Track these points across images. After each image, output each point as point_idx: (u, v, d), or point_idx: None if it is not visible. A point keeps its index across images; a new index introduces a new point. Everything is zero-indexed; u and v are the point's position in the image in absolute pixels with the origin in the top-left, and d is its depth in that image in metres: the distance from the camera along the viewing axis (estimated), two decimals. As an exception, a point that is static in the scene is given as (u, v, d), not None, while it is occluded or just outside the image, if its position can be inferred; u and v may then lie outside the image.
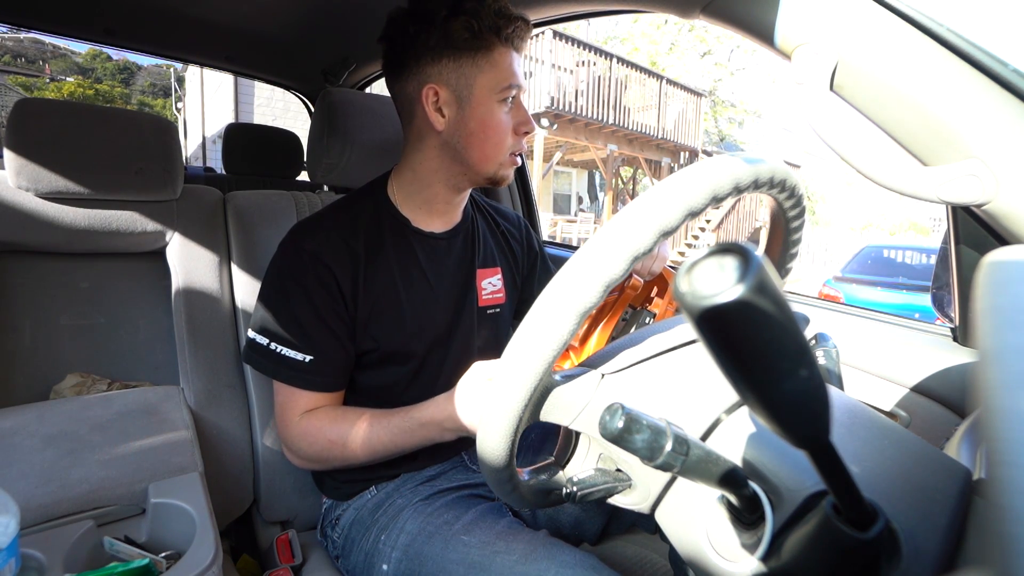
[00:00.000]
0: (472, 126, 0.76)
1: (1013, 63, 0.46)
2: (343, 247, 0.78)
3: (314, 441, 0.76)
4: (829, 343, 0.50)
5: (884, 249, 5.97)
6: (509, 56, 0.76)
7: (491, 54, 0.75)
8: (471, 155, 0.78)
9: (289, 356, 0.76)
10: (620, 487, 0.45)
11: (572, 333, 0.36)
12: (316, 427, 0.76)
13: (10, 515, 0.45)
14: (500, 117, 0.77)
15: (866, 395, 0.76)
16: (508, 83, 0.76)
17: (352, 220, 0.81)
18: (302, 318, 0.76)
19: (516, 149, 0.81)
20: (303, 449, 0.77)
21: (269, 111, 10.77)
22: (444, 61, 0.75)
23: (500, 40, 0.74)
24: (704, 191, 0.35)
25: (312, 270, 0.76)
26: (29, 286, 0.92)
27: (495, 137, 0.77)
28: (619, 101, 9.36)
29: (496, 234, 0.98)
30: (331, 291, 0.76)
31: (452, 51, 0.74)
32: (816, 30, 0.53)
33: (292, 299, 0.77)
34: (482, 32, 0.73)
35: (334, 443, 0.75)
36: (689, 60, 15.94)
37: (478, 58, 0.74)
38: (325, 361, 0.76)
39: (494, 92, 0.75)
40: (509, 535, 0.68)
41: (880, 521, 0.28)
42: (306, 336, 0.76)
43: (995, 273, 0.37)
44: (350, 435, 0.74)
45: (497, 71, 0.75)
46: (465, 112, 0.76)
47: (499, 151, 0.79)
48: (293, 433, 0.77)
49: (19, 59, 24.30)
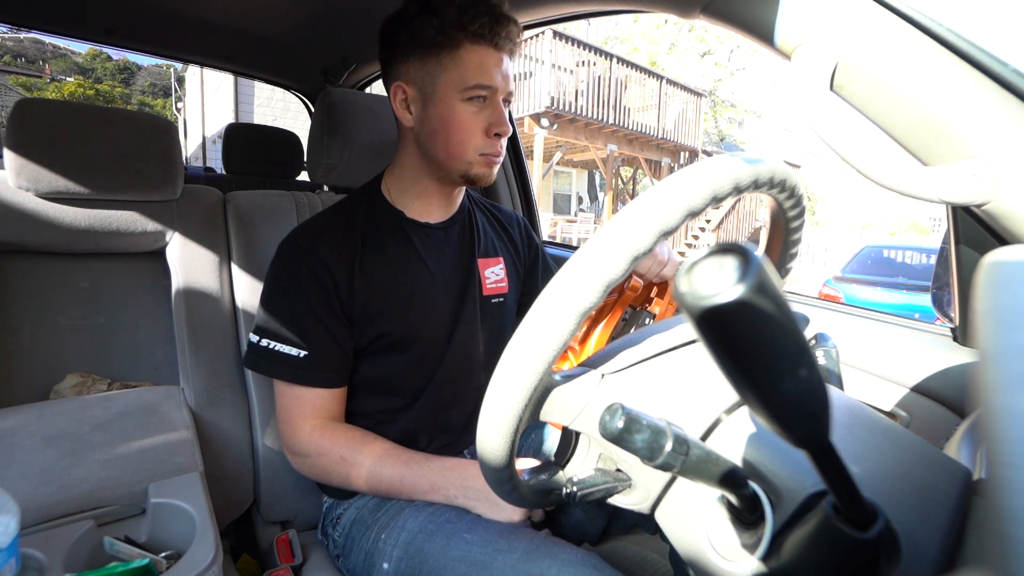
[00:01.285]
0: (435, 124, 0.77)
1: (1013, 63, 0.46)
2: (339, 241, 0.79)
3: (325, 453, 0.76)
4: (829, 343, 0.50)
5: (884, 249, 5.97)
6: (479, 54, 0.74)
7: (456, 52, 0.74)
8: (437, 153, 0.79)
9: (284, 352, 0.76)
10: (620, 487, 0.45)
11: (572, 333, 0.36)
12: (331, 440, 0.76)
13: (10, 515, 0.45)
14: (463, 116, 0.76)
15: (866, 395, 0.76)
16: (474, 82, 0.74)
17: (348, 216, 0.83)
18: (296, 313, 0.76)
19: (487, 150, 0.78)
20: (311, 458, 0.77)
21: (269, 111, 10.78)
22: (412, 60, 0.76)
23: (467, 36, 0.73)
24: (704, 191, 0.35)
25: (307, 265, 0.77)
26: (29, 286, 0.92)
27: (458, 135, 0.77)
28: (619, 101, 9.37)
29: (495, 226, 0.99)
30: (325, 287, 0.77)
31: (419, 49, 0.75)
32: (816, 30, 0.53)
33: (287, 296, 0.77)
34: (444, 29, 0.72)
35: (344, 460, 0.75)
36: (689, 60, 15.94)
37: (442, 56, 0.74)
38: (320, 356, 0.77)
39: (457, 91, 0.75)
40: (511, 534, 0.68)
41: (880, 521, 0.28)
42: (300, 331, 0.76)
43: (995, 273, 0.37)
44: (361, 456, 0.75)
45: (462, 69, 0.74)
46: (428, 110, 0.77)
47: (464, 150, 0.77)
48: (304, 441, 0.77)
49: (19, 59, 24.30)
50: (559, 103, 8.43)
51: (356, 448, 0.76)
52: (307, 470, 0.80)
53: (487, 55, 0.75)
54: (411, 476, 0.74)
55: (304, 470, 0.80)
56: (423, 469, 0.74)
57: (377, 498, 0.81)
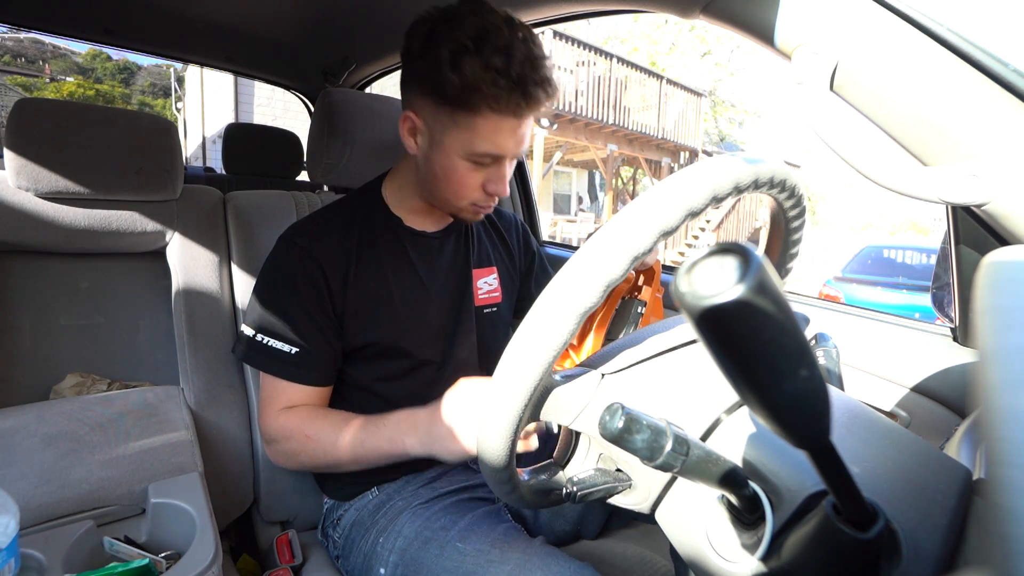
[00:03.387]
0: (436, 170, 0.75)
1: (1013, 63, 0.46)
2: (335, 244, 0.79)
3: (291, 435, 0.76)
4: (829, 343, 0.50)
5: (884, 249, 5.96)
6: (497, 123, 0.69)
7: (473, 118, 0.68)
8: (431, 189, 0.79)
9: (275, 347, 0.76)
10: (620, 487, 0.45)
11: (572, 333, 0.36)
12: (295, 422, 0.76)
13: (10, 515, 0.45)
14: (462, 173, 0.74)
15: (866, 395, 0.76)
16: (483, 151, 0.71)
17: (346, 218, 0.83)
18: (289, 310, 0.76)
19: (480, 203, 0.78)
20: (280, 443, 0.77)
21: (269, 111, 10.77)
22: (427, 99, 0.71)
23: (488, 106, 0.67)
24: (704, 191, 0.35)
25: (300, 265, 0.77)
26: (29, 286, 0.92)
27: (454, 187, 0.76)
28: (619, 101, 9.36)
29: (491, 233, 0.98)
30: (318, 286, 0.77)
31: (437, 95, 0.69)
32: (816, 30, 0.53)
33: (280, 292, 0.77)
34: (467, 91, 0.66)
35: (308, 438, 0.75)
36: (689, 60, 15.94)
37: (458, 115, 0.69)
38: (310, 354, 0.77)
39: (464, 151, 0.72)
40: (505, 543, 0.68)
41: (880, 521, 0.28)
42: (293, 328, 0.76)
43: (995, 273, 0.37)
44: (323, 432, 0.74)
45: (473, 135, 0.70)
46: (431, 154, 0.75)
47: (457, 199, 0.77)
48: (272, 426, 0.77)
49: (19, 59, 24.29)
50: (559, 103, 8.43)
51: (317, 424, 0.75)
52: (279, 457, 0.79)
53: (505, 124, 0.69)
54: (370, 438, 0.72)
55: (277, 458, 0.80)
56: (378, 427, 0.73)
57: (377, 500, 0.81)
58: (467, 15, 0.67)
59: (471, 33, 0.65)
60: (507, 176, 0.77)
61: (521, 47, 0.66)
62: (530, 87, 0.67)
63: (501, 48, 0.65)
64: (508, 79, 0.65)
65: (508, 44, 0.65)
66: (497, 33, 0.65)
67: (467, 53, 0.65)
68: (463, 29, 0.65)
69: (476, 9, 0.67)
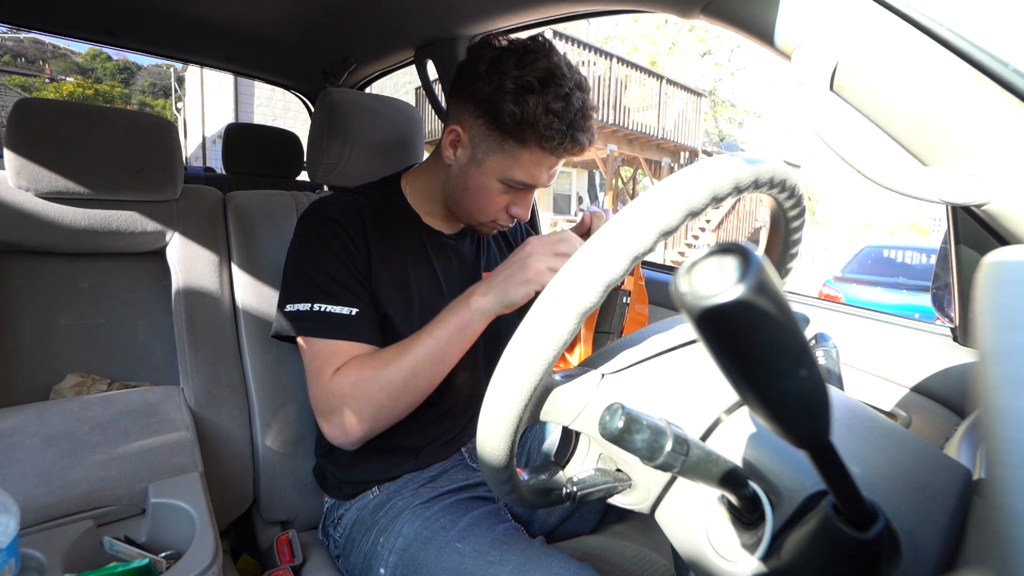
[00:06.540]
0: (468, 184, 0.79)
1: (1013, 63, 0.46)
2: (360, 222, 0.81)
3: (354, 384, 0.72)
4: (829, 343, 0.50)
5: (884, 249, 5.96)
6: (538, 157, 0.74)
7: (519, 149, 0.74)
8: (457, 200, 0.82)
9: (335, 312, 0.75)
10: (620, 487, 0.45)
11: (572, 333, 0.36)
12: (353, 368, 0.73)
13: (10, 515, 0.45)
14: (493, 194, 0.79)
15: (866, 395, 0.76)
16: (520, 179, 0.76)
17: (367, 202, 0.84)
18: (337, 275, 0.77)
19: (501, 222, 0.83)
20: (342, 407, 0.72)
21: (269, 111, 10.77)
22: (481, 120, 0.75)
23: (537, 141, 0.72)
24: (704, 191, 0.35)
25: (335, 232, 0.78)
26: (29, 286, 0.92)
27: (481, 204, 0.80)
28: (619, 101, 9.36)
29: (499, 241, 1.00)
30: (353, 254, 0.78)
31: (491, 119, 0.73)
32: (816, 30, 0.53)
33: (325, 259, 0.78)
34: (522, 124, 0.71)
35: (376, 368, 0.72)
36: (689, 60, 15.93)
37: (506, 143, 0.74)
38: (369, 314, 0.78)
39: (500, 175, 0.76)
40: (504, 544, 0.68)
41: (880, 521, 0.28)
42: (346, 290, 0.77)
43: (995, 273, 0.37)
44: (389, 353, 0.73)
45: (515, 164, 0.75)
46: (468, 169, 0.78)
47: (482, 214, 0.82)
48: (329, 389, 0.73)
49: (19, 59, 24.28)
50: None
51: (376, 356, 0.74)
52: (339, 429, 0.74)
53: (546, 160, 0.75)
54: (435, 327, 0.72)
55: (337, 433, 0.74)
56: (438, 318, 0.73)
57: (377, 499, 0.81)
58: (539, 54, 0.72)
59: (539, 74, 0.70)
60: (531, 203, 0.81)
61: (579, 98, 0.72)
62: (578, 134, 0.73)
63: (562, 95, 0.70)
64: (562, 123, 0.71)
65: (569, 93, 0.71)
66: (561, 80, 0.71)
67: (532, 92, 0.70)
68: (533, 68, 0.71)
69: (546, 51, 0.73)
